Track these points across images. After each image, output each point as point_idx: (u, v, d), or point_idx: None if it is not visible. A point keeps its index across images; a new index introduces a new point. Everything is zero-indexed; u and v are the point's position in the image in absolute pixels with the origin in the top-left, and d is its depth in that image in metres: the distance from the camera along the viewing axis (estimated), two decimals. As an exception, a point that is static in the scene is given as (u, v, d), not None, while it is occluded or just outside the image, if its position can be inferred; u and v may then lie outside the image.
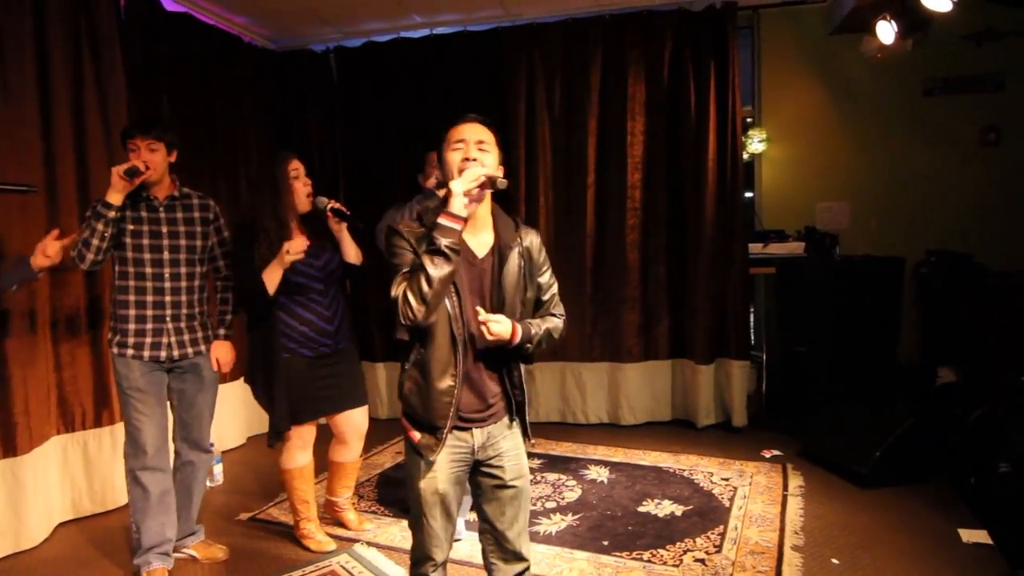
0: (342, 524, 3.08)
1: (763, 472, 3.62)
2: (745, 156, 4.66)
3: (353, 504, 3.14)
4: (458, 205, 1.61)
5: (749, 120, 4.88)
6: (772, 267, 4.45)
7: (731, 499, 3.28)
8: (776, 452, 3.90)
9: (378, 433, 4.14)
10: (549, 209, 4.57)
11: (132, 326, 2.54)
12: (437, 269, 1.58)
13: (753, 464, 3.75)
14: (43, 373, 3.05)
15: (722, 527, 2.99)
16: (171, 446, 2.74)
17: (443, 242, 1.59)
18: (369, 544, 2.91)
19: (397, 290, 1.62)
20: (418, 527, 1.79)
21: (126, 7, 3.59)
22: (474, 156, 1.68)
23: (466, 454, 1.77)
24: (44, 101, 3.09)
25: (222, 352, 2.74)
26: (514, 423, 1.84)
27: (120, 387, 2.58)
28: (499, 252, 1.73)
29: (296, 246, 2.57)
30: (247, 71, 4.58)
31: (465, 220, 1.63)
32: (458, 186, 1.61)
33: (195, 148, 4.05)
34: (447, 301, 1.67)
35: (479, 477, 1.83)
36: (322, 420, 2.86)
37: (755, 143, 4.76)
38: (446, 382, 1.69)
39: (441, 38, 4.71)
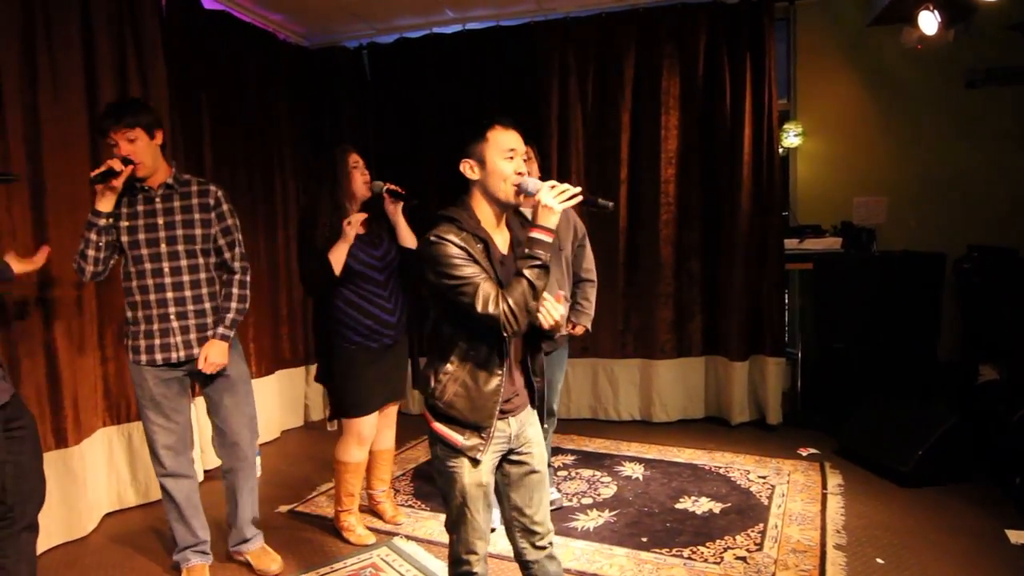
0: (378, 515, 3.12)
1: (800, 470, 3.58)
2: (780, 150, 4.60)
3: (390, 496, 3.17)
4: (553, 220, 1.68)
5: (785, 113, 4.81)
6: (808, 263, 4.38)
7: (769, 497, 3.25)
8: (813, 450, 3.86)
9: (412, 428, 4.17)
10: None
11: (141, 327, 2.44)
12: (541, 281, 1.66)
13: (790, 462, 3.71)
14: (91, 366, 3.12)
15: (762, 525, 2.96)
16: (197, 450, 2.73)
17: (546, 257, 1.67)
18: (408, 538, 2.93)
19: (496, 306, 1.63)
20: (460, 524, 1.79)
21: (167, 5, 3.64)
22: (525, 170, 1.76)
23: (504, 443, 1.81)
24: (91, 97, 3.14)
25: (213, 351, 2.46)
26: (533, 409, 1.89)
27: (136, 395, 2.51)
28: (514, 247, 1.82)
29: (356, 219, 2.65)
30: (282, 68, 4.62)
31: (555, 232, 1.70)
32: (556, 204, 1.67)
33: (230, 145, 4.12)
34: None
35: (507, 466, 1.85)
36: None
37: (791, 137, 4.69)
38: (494, 383, 1.74)
39: (474, 33, 4.71)
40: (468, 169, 1.76)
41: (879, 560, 2.64)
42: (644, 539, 2.87)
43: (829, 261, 4.32)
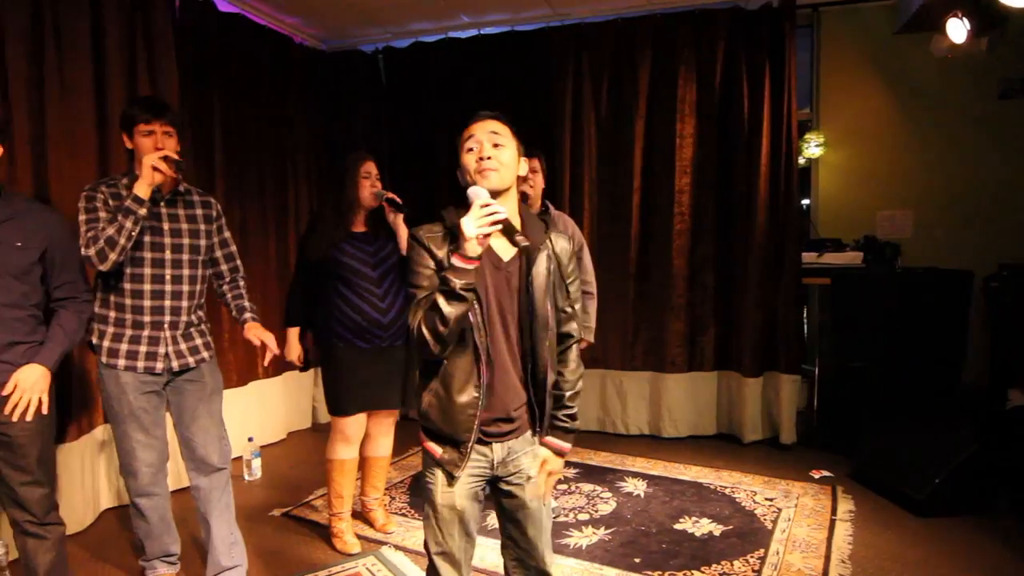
0: (370, 522, 3.08)
1: (811, 494, 3.44)
2: (801, 161, 4.46)
3: (383, 504, 3.13)
4: (472, 248, 1.50)
5: (807, 123, 4.66)
6: (827, 278, 4.23)
7: (774, 521, 3.12)
8: (826, 473, 3.70)
9: (415, 435, 4.12)
10: (593, 213, 4.47)
11: (128, 331, 2.30)
12: (453, 309, 1.52)
13: (800, 484, 3.56)
14: (89, 364, 3.14)
15: (762, 551, 2.84)
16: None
17: (458, 284, 1.51)
18: (397, 548, 2.88)
19: (413, 321, 1.57)
20: (432, 543, 1.71)
21: (180, 6, 3.67)
22: (489, 154, 1.60)
23: (485, 469, 1.70)
24: (99, 99, 3.17)
25: (260, 331, 2.50)
26: (536, 436, 1.75)
27: (110, 408, 2.32)
28: (527, 254, 1.65)
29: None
30: (297, 72, 4.63)
31: (479, 260, 1.53)
32: (471, 229, 1.49)
33: (243, 148, 4.13)
34: (469, 311, 1.58)
35: (499, 496, 1.76)
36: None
37: (812, 147, 4.55)
38: (469, 394, 1.62)
39: (489, 38, 4.67)
40: (461, 177, 1.67)
41: (883, 594, 2.51)
42: (637, 560, 2.77)
43: (849, 276, 4.15)
